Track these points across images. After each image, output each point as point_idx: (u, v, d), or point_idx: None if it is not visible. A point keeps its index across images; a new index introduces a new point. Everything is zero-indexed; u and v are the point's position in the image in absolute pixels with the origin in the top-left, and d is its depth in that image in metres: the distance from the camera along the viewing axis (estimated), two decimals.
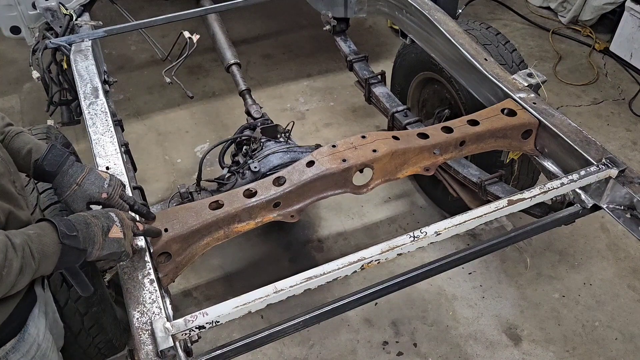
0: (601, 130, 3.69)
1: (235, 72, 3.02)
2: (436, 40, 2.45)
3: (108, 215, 1.38)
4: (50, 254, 1.22)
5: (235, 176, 2.43)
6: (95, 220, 1.33)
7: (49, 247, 1.22)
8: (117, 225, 1.37)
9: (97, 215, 1.35)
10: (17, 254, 1.13)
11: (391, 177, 1.96)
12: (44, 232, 1.22)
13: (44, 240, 1.21)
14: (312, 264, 1.89)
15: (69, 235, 1.24)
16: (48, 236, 1.22)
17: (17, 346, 1.35)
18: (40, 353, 1.43)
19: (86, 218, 1.32)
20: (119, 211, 1.43)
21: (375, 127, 3.66)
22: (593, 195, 1.83)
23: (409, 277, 1.62)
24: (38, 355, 1.42)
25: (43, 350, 1.45)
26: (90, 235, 1.29)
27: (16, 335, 1.34)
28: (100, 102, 2.11)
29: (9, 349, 1.33)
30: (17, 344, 1.34)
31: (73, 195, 1.48)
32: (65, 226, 1.25)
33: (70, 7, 2.73)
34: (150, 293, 1.45)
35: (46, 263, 1.22)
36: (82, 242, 1.27)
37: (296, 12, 4.72)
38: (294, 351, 2.53)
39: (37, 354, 1.42)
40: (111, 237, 1.34)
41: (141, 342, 1.34)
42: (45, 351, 1.46)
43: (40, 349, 1.43)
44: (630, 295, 2.74)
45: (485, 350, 2.53)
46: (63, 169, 1.48)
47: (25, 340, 1.37)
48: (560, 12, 4.73)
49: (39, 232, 1.21)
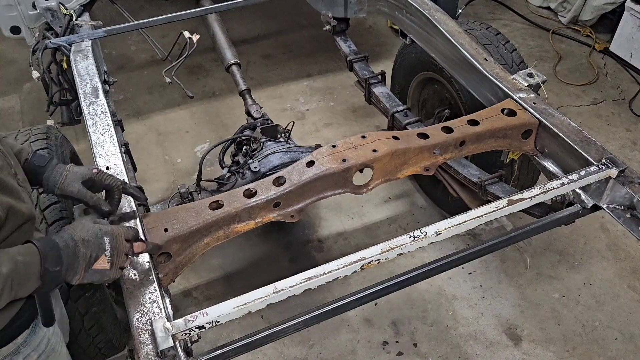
0: (601, 130, 3.69)
1: (235, 72, 3.02)
2: (436, 40, 2.45)
3: (101, 243, 1.32)
4: (29, 285, 1.21)
5: (235, 176, 2.43)
6: (84, 249, 1.29)
7: (31, 279, 1.21)
8: (106, 254, 1.32)
9: (89, 242, 1.30)
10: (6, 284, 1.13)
11: (391, 177, 1.96)
12: (31, 262, 1.21)
13: (29, 270, 1.20)
14: (312, 264, 1.89)
15: (51, 272, 1.23)
16: (33, 267, 1.21)
17: (29, 340, 1.35)
18: (50, 347, 1.43)
19: (77, 246, 1.28)
20: (117, 233, 1.37)
21: (375, 127, 3.66)
22: (593, 195, 1.83)
23: (409, 277, 1.62)
24: (48, 349, 1.43)
25: (52, 344, 1.45)
26: (73, 267, 1.27)
27: (27, 329, 1.34)
28: (100, 102, 2.11)
29: (21, 343, 1.33)
30: (28, 337, 1.35)
31: (66, 179, 1.49)
32: (51, 261, 1.23)
33: (70, 7, 2.73)
34: (150, 293, 1.45)
35: (23, 290, 1.21)
36: (63, 274, 1.26)
37: (296, 12, 4.72)
38: (294, 351, 2.53)
39: (47, 348, 1.42)
40: (95, 268, 1.31)
41: (141, 342, 1.34)
42: (54, 345, 1.46)
43: (50, 343, 1.44)
44: (630, 295, 2.74)
45: (485, 350, 2.53)
46: (51, 164, 1.51)
47: (37, 334, 1.37)
48: (560, 12, 4.73)
49: (27, 261, 1.20)
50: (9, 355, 1.31)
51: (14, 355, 1.32)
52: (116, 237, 1.36)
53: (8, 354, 1.31)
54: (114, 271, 1.36)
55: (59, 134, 2.30)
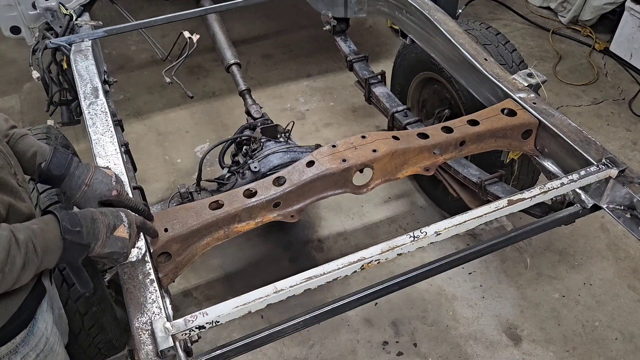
0: (601, 130, 3.69)
1: (235, 72, 3.02)
2: (436, 40, 2.45)
3: (117, 214, 1.37)
4: (53, 249, 1.21)
5: (235, 176, 2.43)
6: (102, 217, 1.32)
7: (52, 243, 1.21)
8: (124, 225, 1.37)
9: (106, 213, 1.35)
10: (21, 251, 1.13)
11: (391, 177, 1.96)
12: (47, 227, 1.21)
13: (47, 235, 1.20)
14: (312, 264, 1.89)
15: (71, 231, 1.24)
16: (51, 231, 1.22)
17: (27, 339, 1.35)
18: (48, 347, 1.44)
19: (93, 214, 1.31)
20: (129, 212, 1.43)
21: (375, 127, 3.66)
22: (593, 195, 1.83)
23: (409, 277, 1.62)
24: (46, 349, 1.43)
25: (51, 344, 1.45)
26: (94, 231, 1.29)
27: (26, 328, 1.34)
28: (100, 102, 2.11)
29: (19, 342, 1.33)
30: (26, 336, 1.35)
31: (84, 196, 1.49)
32: (69, 221, 1.24)
33: (70, 7, 2.73)
34: (150, 293, 1.45)
35: (49, 258, 1.21)
36: (85, 237, 1.27)
37: (296, 12, 4.72)
38: (294, 351, 2.53)
39: (46, 347, 1.43)
40: (116, 235, 1.34)
41: (141, 342, 1.34)
42: (52, 345, 1.46)
43: (48, 343, 1.44)
44: (630, 295, 2.74)
45: (485, 350, 2.53)
46: (70, 172, 1.48)
47: (35, 334, 1.37)
48: (560, 12, 4.73)
49: (43, 227, 1.21)
50: (7, 355, 1.31)
51: (12, 354, 1.32)
52: (130, 215, 1.41)
53: (6, 353, 1.31)
54: (132, 244, 1.39)
55: (59, 134, 2.30)
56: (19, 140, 1.46)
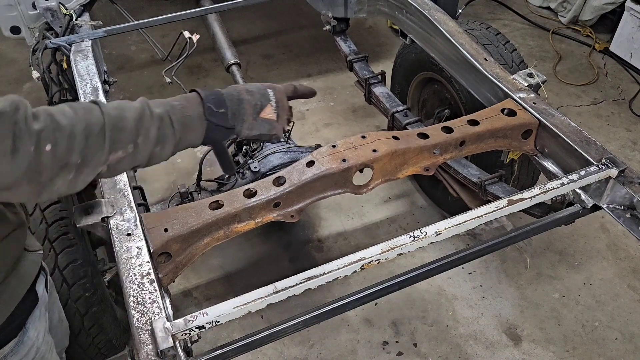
0: (601, 130, 3.69)
1: (235, 72, 3.02)
2: (436, 40, 2.45)
3: (265, 92, 1.29)
4: (194, 128, 1.17)
5: (235, 176, 2.43)
6: (249, 96, 1.25)
7: (193, 121, 1.16)
8: (271, 104, 1.28)
9: (253, 92, 1.27)
10: (154, 123, 1.09)
11: (391, 177, 1.95)
12: (189, 104, 1.16)
13: (188, 112, 1.15)
14: (312, 264, 1.89)
15: (215, 112, 1.18)
16: (193, 109, 1.17)
17: (16, 349, 1.32)
18: (39, 356, 1.41)
19: (240, 93, 1.24)
20: (279, 88, 1.33)
21: (375, 127, 3.66)
22: (593, 195, 1.83)
23: (409, 277, 1.62)
24: (37, 358, 1.40)
25: (42, 353, 1.43)
26: (240, 113, 1.23)
27: (15, 337, 1.32)
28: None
29: (7, 352, 1.30)
30: (15, 346, 1.32)
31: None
32: (213, 101, 1.19)
33: (70, 7, 2.72)
34: (150, 293, 1.45)
35: (190, 136, 1.17)
36: (230, 119, 1.21)
37: (296, 12, 4.72)
38: (294, 351, 2.52)
39: (36, 356, 1.40)
40: (262, 117, 1.27)
41: (141, 342, 1.34)
42: (43, 354, 1.44)
43: (39, 352, 1.41)
44: (630, 295, 2.74)
45: (485, 350, 2.53)
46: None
47: (25, 343, 1.35)
48: (560, 12, 4.73)
49: (184, 104, 1.16)
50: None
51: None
52: (279, 90, 1.32)
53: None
54: (280, 126, 1.32)
55: None
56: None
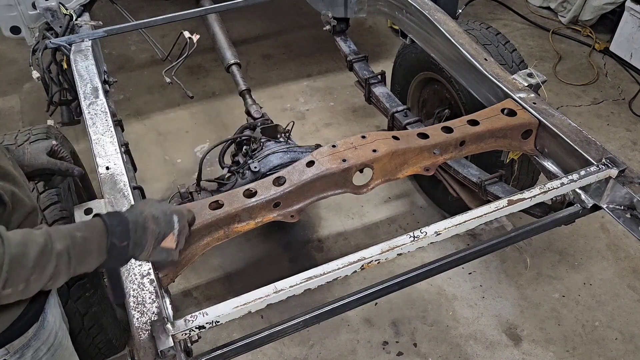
0: (601, 130, 3.69)
1: (235, 72, 3.01)
2: (436, 40, 2.45)
3: (170, 219, 1.28)
4: (91, 260, 1.17)
5: (235, 176, 2.43)
6: (153, 225, 1.24)
7: (92, 254, 1.16)
8: (174, 233, 1.29)
9: (159, 219, 1.26)
10: (52, 260, 1.08)
11: (391, 177, 1.96)
12: (92, 236, 1.16)
13: (89, 246, 1.15)
14: (312, 264, 1.89)
15: (117, 247, 1.18)
16: (95, 242, 1.16)
17: (38, 333, 1.34)
18: (57, 341, 1.43)
19: (146, 221, 1.23)
20: (184, 214, 1.34)
21: (375, 127, 3.66)
22: (593, 195, 1.83)
23: (409, 277, 1.62)
24: (56, 343, 1.42)
25: (60, 338, 1.45)
26: (141, 243, 1.23)
27: (37, 321, 1.34)
28: (100, 102, 2.11)
29: (31, 336, 1.32)
30: (37, 330, 1.34)
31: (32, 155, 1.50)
32: (118, 235, 1.18)
33: (70, 7, 2.72)
34: (150, 293, 1.45)
35: (85, 267, 1.16)
36: (130, 250, 1.21)
37: (296, 12, 4.72)
38: (294, 351, 2.53)
39: (55, 341, 1.42)
40: (162, 246, 1.27)
41: (141, 342, 1.34)
42: (61, 339, 1.46)
43: (57, 337, 1.43)
44: (630, 295, 2.74)
45: (485, 350, 2.53)
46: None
47: (45, 328, 1.37)
48: (560, 12, 4.73)
49: (87, 236, 1.15)
50: (20, 349, 1.30)
51: (24, 348, 1.31)
52: (184, 217, 1.33)
53: (20, 347, 1.30)
54: (177, 252, 1.32)
55: (59, 134, 2.30)
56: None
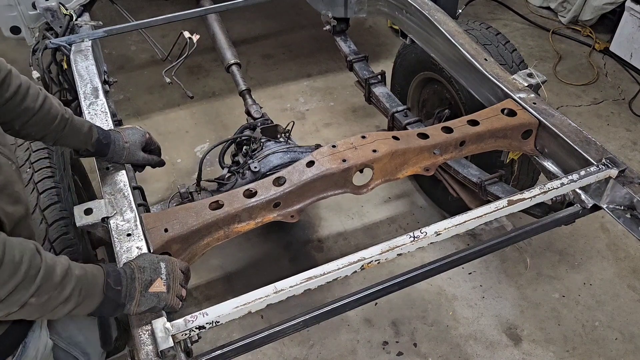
0: (601, 130, 3.69)
1: (235, 72, 3.01)
2: (436, 40, 2.45)
3: (157, 266, 1.37)
4: (92, 298, 1.25)
5: (235, 176, 2.43)
6: (140, 275, 1.34)
7: (95, 291, 1.25)
8: (161, 277, 1.36)
9: (144, 268, 1.35)
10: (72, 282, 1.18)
11: (391, 177, 1.96)
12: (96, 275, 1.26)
13: (94, 281, 1.25)
14: (312, 264, 1.89)
15: (113, 289, 1.28)
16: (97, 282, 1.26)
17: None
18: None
19: (133, 272, 1.34)
20: (173, 261, 1.42)
21: (375, 127, 3.66)
22: (593, 195, 1.83)
23: (409, 277, 1.62)
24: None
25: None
26: (131, 293, 1.31)
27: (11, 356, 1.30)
28: (100, 102, 2.11)
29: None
30: None
31: (130, 152, 1.76)
32: (113, 278, 1.29)
33: (70, 7, 2.72)
34: None
35: (87, 304, 1.25)
36: (122, 297, 1.30)
37: (296, 12, 4.72)
38: (294, 351, 2.53)
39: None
40: (151, 291, 1.34)
41: (141, 342, 1.34)
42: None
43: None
44: (630, 295, 2.74)
45: (485, 350, 2.53)
46: (111, 139, 1.72)
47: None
48: (560, 12, 4.73)
49: (94, 272, 1.26)
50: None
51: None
52: (172, 263, 1.41)
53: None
54: (171, 296, 1.37)
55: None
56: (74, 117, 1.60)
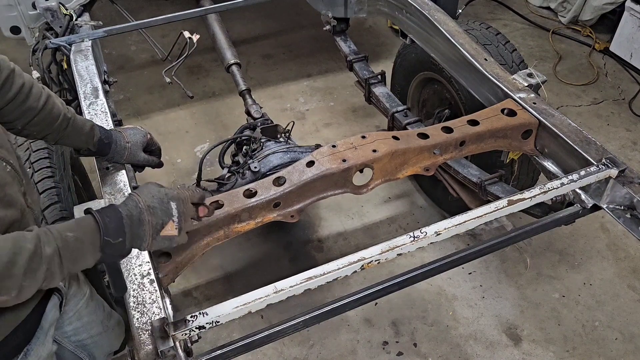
0: (601, 130, 3.69)
1: (235, 72, 3.01)
2: (436, 40, 2.45)
3: (168, 208, 1.27)
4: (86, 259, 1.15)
5: (235, 176, 2.43)
6: (151, 217, 1.23)
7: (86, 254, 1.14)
8: (173, 220, 1.28)
9: (155, 209, 1.24)
10: (43, 265, 1.06)
11: (391, 177, 1.96)
12: (84, 237, 1.14)
13: (82, 246, 1.13)
14: (312, 264, 1.89)
15: (112, 244, 1.17)
16: (88, 243, 1.14)
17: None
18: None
19: (142, 214, 1.22)
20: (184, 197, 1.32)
21: (375, 127, 3.66)
22: (593, 195, 1.83)
23: (409, 277, 1.62)
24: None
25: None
26: (139, 235, 1.22)
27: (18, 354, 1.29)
28: (100, 102, 2.11)
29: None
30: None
31: (131, 152, 1.75)
32: (112, 232, 1.17)
33: (70, 7, 2.72)
34: (150, 293, 1.45)
35: (80, 266, 1.15)
36: (127, 244, 1.20)
37: (296, 12, 4.72)
38: (294, 351, 2.53)
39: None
40: (163, 235, 1.27)
41: (141, 342, 1.34)
42: None
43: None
44: (630, 295, 2.74)
45: (485, 350, 2.53)
46: (112, 139, 1.70)
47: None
48: (560, 12, 4.73)
49: (79, 237, 1.13)
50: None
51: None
52: (183, 201, 1.32)
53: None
54: (182, 236, 1.32)
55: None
56: (76, 116, 1.58)
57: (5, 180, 1.20)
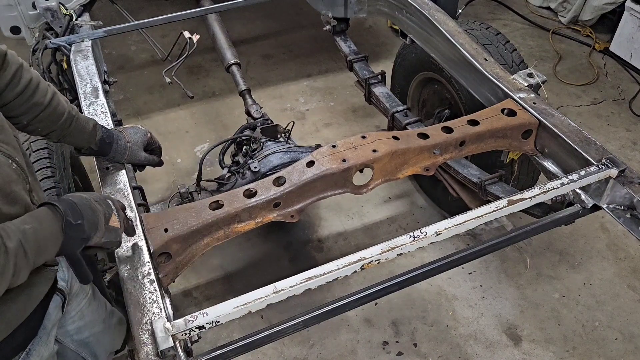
0: (601, 130, 3.69)
1: (235, 72, 3.01)
2: (436, 40, 2.45)
3: (107, 202, 1.33)
4: (48, 247, 1.15)
5: (235, 176, 2.43)
6: (99, 206, 1.27)
7: (48, 241, 1.14)
8: (115, 214, 1.33)
9: (100, 201, 1.29)
10: (9, 260, 1.04)
11: (391, 177, 1.96)
12: (42, 226, 1.13)
13: (43, 234, 1.12)
14: (312, 264, 1.89)
15: (73, 225, 1.18)
16: (49, 228, 1.14)
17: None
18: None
19: (91, 203, 1.25)
20: (115, 200, 1.40)
21: (375, 127, 3.66)
22: (593, 195, 1.83)
23: (409, 277, 1.62)
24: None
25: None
26: (95, 222, 1.24)
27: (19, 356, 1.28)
28: (100, 102, 2.11)
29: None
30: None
31: (132, 152, 1.77)
32: (72, 214, 1.18)
33: (70, 7, 2.72)
34: (150, 293, 1.45)
35: (45, 256, 1.15)
36: (86, 229, 1.21)
37: (296, 12, 4.72)
38: (294, 351, 2.53)
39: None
40: (111, 225, 1.30)
41: (141, 342, 1.34)
42: None
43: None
44: (630, 295, 2.74)
45: (485, 350, 2.53)
46: (114, 138, 1.73)
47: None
48: (560, 12, 4.73)
49: (36, 227, 1.11)
50: None
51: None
52: (115, 202, 1.39)
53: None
54: (121, 233, 1.35)
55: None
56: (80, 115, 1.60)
57: (11, 178, 1.20)
